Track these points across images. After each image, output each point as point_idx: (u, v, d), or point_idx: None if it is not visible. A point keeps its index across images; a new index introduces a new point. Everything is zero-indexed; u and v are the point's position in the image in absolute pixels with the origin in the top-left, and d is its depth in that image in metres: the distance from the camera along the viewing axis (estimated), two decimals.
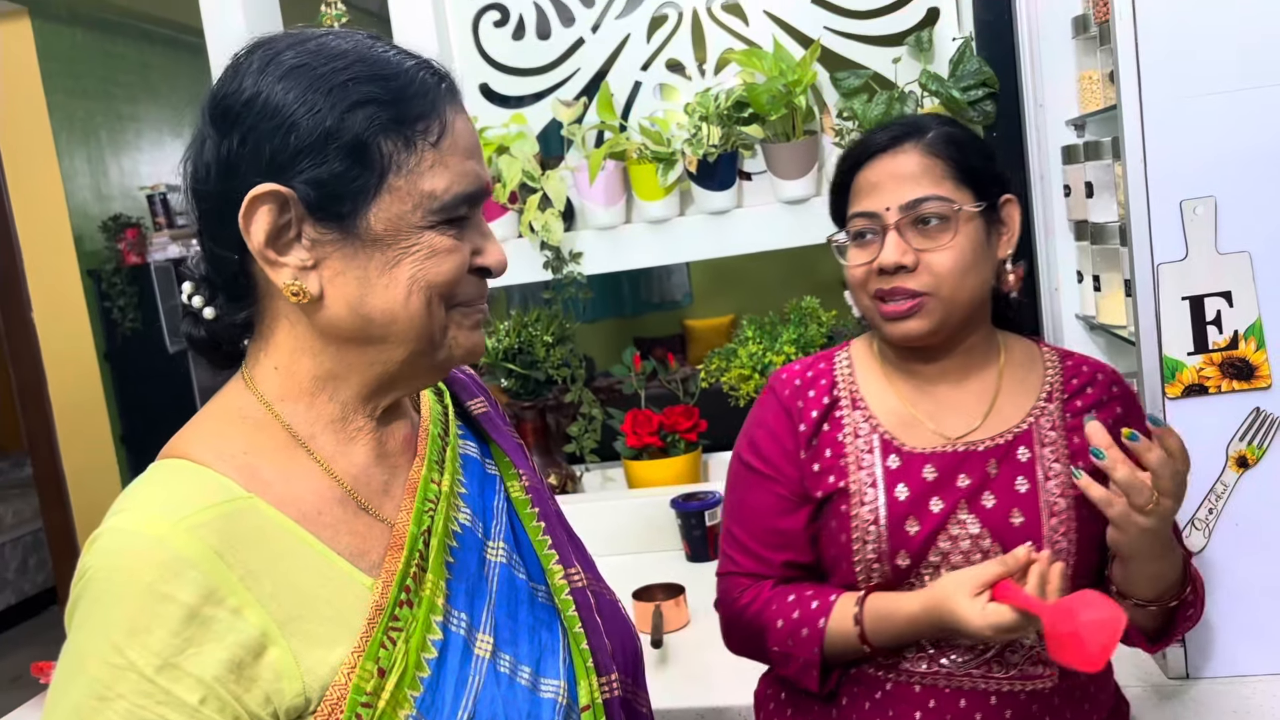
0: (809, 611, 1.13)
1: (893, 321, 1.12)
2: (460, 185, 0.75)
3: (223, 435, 0.77)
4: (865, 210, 1.13)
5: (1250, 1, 1.25)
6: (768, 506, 1.18)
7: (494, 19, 2.08)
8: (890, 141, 1.13)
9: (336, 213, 0.73)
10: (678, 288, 6.34)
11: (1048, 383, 1.17)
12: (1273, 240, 1.27)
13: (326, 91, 0.72)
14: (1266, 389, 1.29)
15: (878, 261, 1.11)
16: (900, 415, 1.17)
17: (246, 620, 0.69)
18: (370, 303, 0.74)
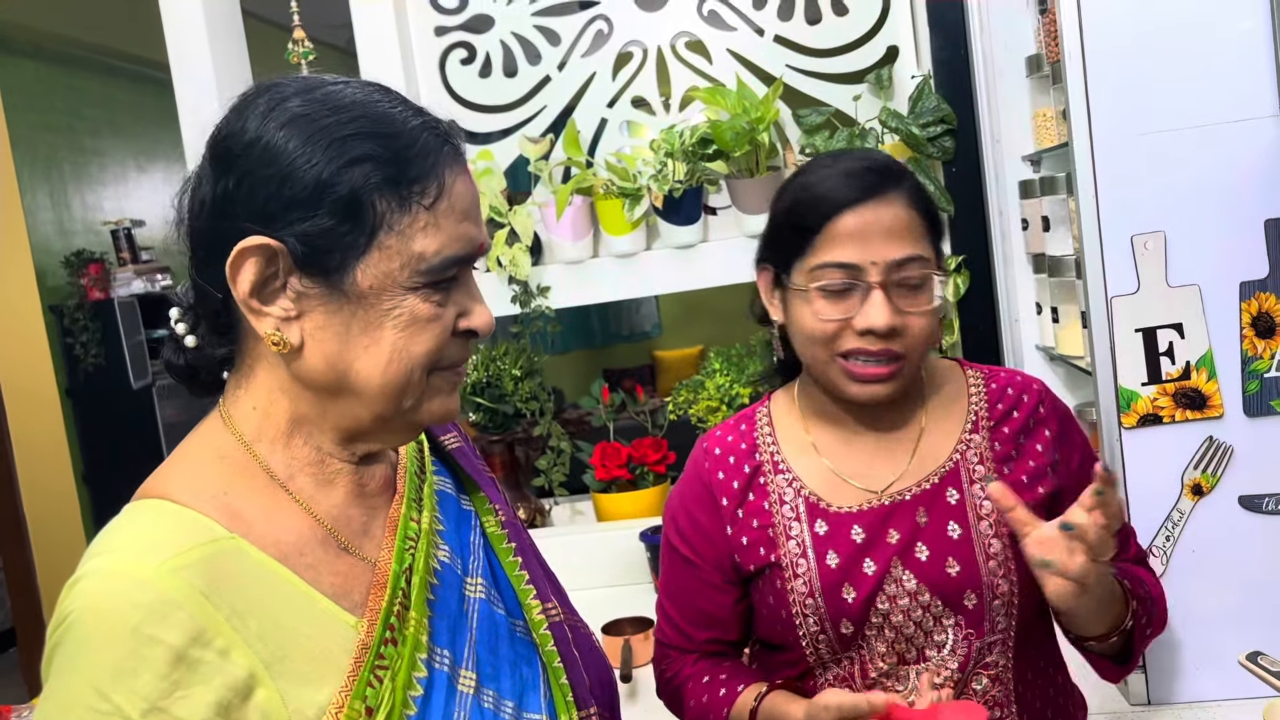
0: (716, 699, 1.13)
1: (863, 383, 1.06)
2: (452, 249, 0.74)
3: (201, 475, 0.76)
4: (844, 262, 1.04)
5: (1195, 43, 1.29)
6: (692, 588, 1.17)
7: (461, 57, 2.10)
8: (874, 188, 1.06)
9: (324, 266, 0.73)
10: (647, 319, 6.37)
11: (972, 410, 1.13)
12: (1221, 273, 1.31)
13: (326, 144, 0.72)
14: (1219, 418, 1.33)
15: (867, 323, 1.04)
16: (823, 474, 1.13)
17: (234, 662, 0.69)
18: (348, 360, 0.74)
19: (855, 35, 1.99)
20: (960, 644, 1.07)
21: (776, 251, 1.11)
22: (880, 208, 1.05)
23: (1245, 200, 1.30)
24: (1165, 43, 1.30)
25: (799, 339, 1.10)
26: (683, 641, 1.19)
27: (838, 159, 1.11)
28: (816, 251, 1.06)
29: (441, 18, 2.09)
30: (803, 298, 1.07)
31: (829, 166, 1.09)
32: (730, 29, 2.03)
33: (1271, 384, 1.31)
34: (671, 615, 1.20)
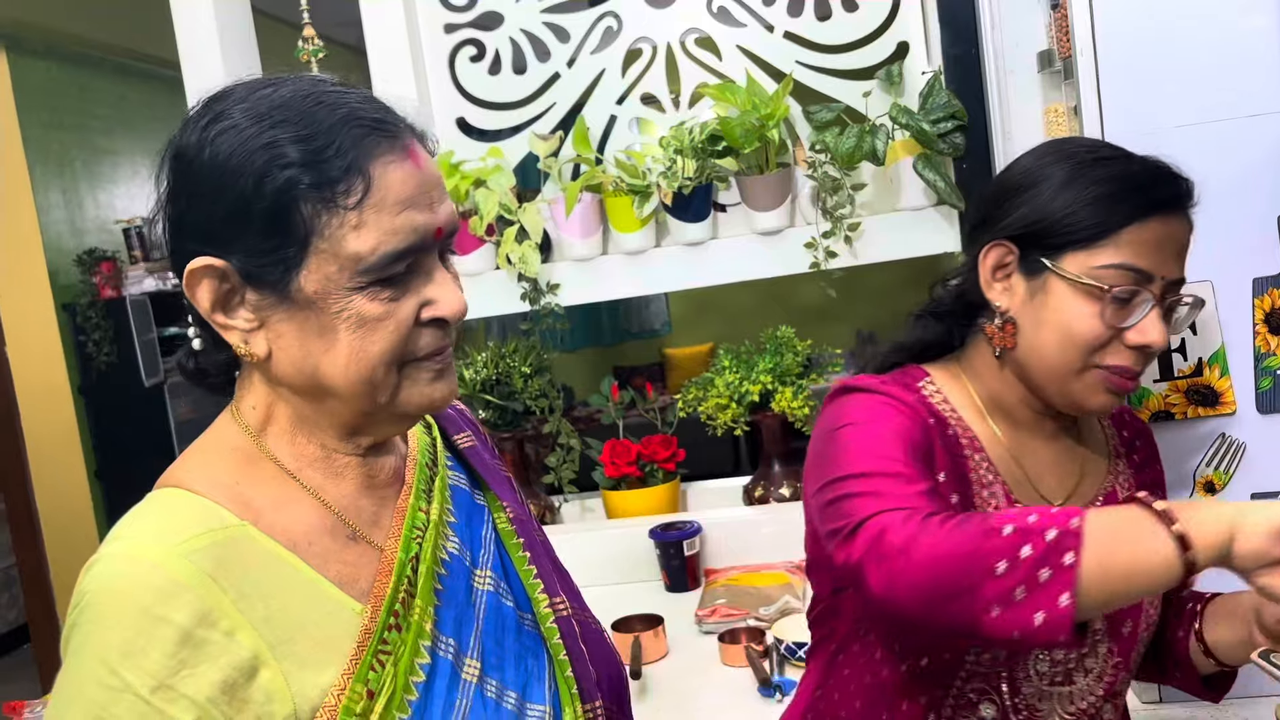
0: (1050, 514, 0.81)
1: (1114, 394, 0.98)
2: (390, 244, 0.73)
3: (215, 466, 0.79)
4: (1142, 268, 0.95)
5: (1207, 38, 1.29)
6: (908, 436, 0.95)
7: (470, 54, 2.10)
8: (1182, 199, 0.98)
9: (268, 279, 0.73)
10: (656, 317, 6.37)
11: (1108, 436, 1.12)
12: (1234, 269, 1.30)
13: (248, 155, 0.72)
14: (1231, 415, 1.32)
15: (1145, 339, 0.95)
16: (1013, 472, 1.03)
17: (239, 643, 0.71)
18: (313, 364, 0.75)
19: (865, 31, 1.98)
20: (1108, 671, 1.05)
21: (1042, 231, 0.98)
22: (1181, 220, 0.98)
23: (1258, 196, 1.29)
24: (1177, 38, 1.29)
25: (1053, 335, 0.97)
26: (915, 503, 0.87)
27: (1128, 154, 1.00)
28: (1113, 248, 0.95)
29: (451, 15, 2.10)
30: (1076, 292, 0.96)
31: (1127, 159, 0.99)
32: (740, 25, 2.03)
33: None
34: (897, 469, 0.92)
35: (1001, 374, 1.04)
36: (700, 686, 1.57)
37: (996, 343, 1.02)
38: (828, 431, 1.01)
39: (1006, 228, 1.01)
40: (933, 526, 0.83)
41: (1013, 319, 1.01)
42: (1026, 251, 1.00)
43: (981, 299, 1.03)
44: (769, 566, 1.91)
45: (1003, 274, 1.02)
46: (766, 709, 1.45)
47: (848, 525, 0.89)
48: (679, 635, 1.73)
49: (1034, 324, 0.99)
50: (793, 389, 2.03)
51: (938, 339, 1.10)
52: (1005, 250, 1.01)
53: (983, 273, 1.03)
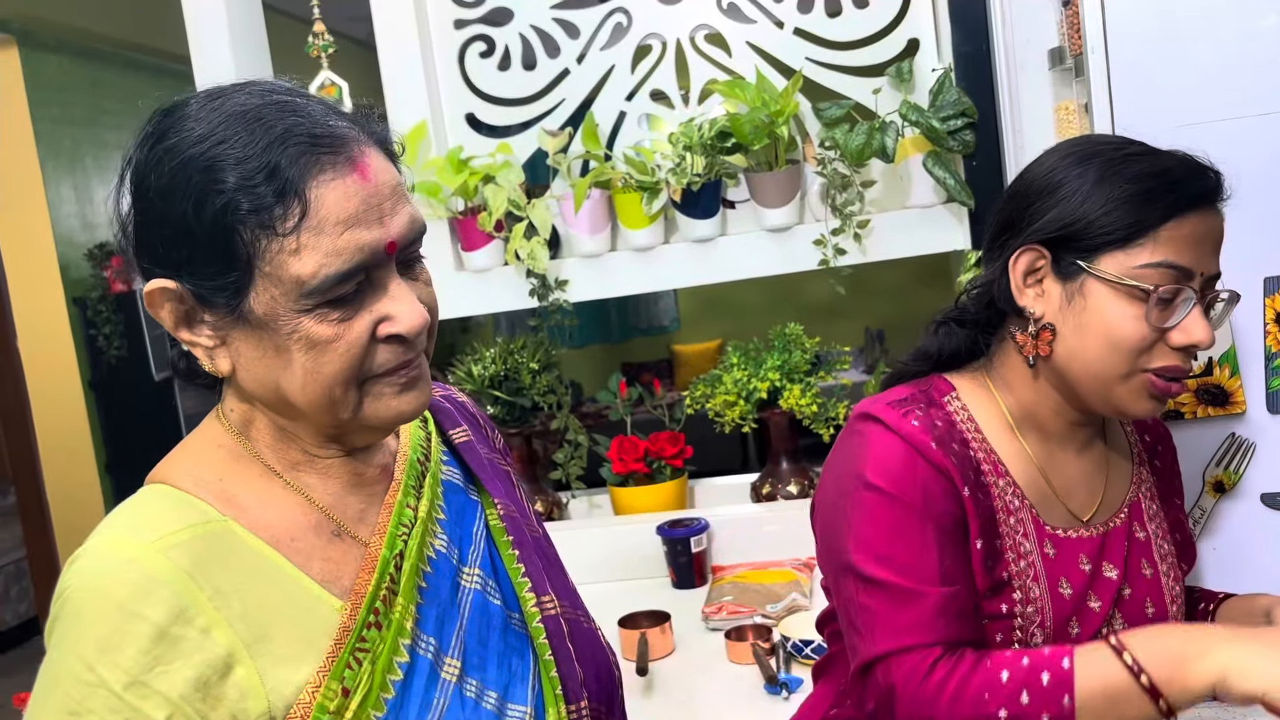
0: (1042, 656, 0.87)
1: (1159, 400, 0.96)
2: (333, 265, 0.70)
3: (201, 463, 0.79)
4: (1183, 266, 0.93)
5: (1218, 36, 1.28)
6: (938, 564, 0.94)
7: (480, 50, 2.10)
8: (1216, 192, 0.96)
9: (216, 302, 0.73)
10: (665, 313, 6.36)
11: (1131, 442, 1.10)
12: (1245, 269, 1.29)
13: (188, 179, 0.71)
14: (1241, 415, 1.31)
15: (1190, 339, 0.93)
16: (1040, 489, 1.01)
17: (214, 640, 0.71)
18: (274, 380, 0.75)
19: (876, 28, 1.98)
20: None
21: (1076, 234, 0.95)
22: (1216, 214, 0.96)
23: (1269, 195, 1.28)
24: (1188, 36, 1.29)
25: (1095, 340, 0.94)
26: (928, 635, 0.91)
27: (1155, 150, 0.98)
28: (1152, 247, 0.93)
29: (461, 10, 2.10)
30: (1117, 294, 0.93)
31: (1157, 155, 0.97)
32: (750, 21, 2.02)
33: None
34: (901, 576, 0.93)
35: (1035, 384, 1.01)
36: (706, 683, 1.57)
37: (1028, 351, 0.99)
38: (845, 478, 0.99)
39: (1037, 231, 0.97)
40: (931, 695, 0.89)
41: (1049, 325, 0.98)
42: (1059, 255, 0.97)
43: (1012, 306, 1.00)
44: (776, 564, 1.91)
45: (1034, 279, 0.99)
46: (773, 706, 1.45)
47: (857, 661, 0.94)
48: (686, 632, 1.73)
49: (1074, 329, 0.96)
50: (801, 386, 2.02)
51: (963, 347, 1.07)
52: (1037, 254, 0.98)
53: (1014, 279, 0.99)
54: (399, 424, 0.80)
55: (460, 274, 2.09)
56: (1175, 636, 0.85)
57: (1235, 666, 0.80)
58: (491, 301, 2.10)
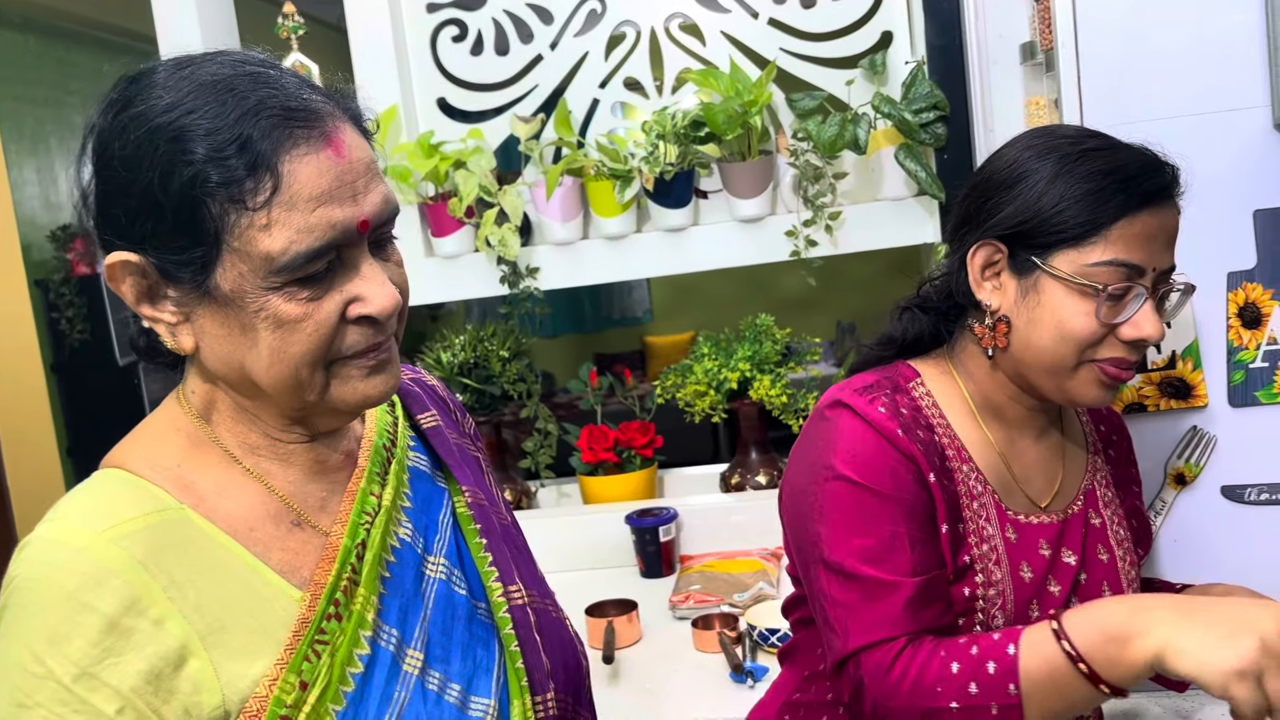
0: (990, 643, 0.89)
1: (1109, 388, 0.98)
2: (303, 243, 0.68)
3: (158, 447, 0.77)
4: (1134, 263, 0.94)
5: (1188, 32, 1.29)
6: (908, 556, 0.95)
7: (453, 34, 2.08)
8: (1170, 187, 0.97)
9: (181, 277, 0.71)
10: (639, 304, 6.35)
11: (1085, 430, 1.13)
12: (1208, 263, 1.31)
13: (154, 149, 0.68)
14: (1203, 408, 1.33)
15: (1140, 333, 0.95)
16: (1001, 475, 1.03)
17: (168, 631, 0.69)
18: (239, 359, 0.73)
19: (850, 20, 1.98)
20: None
21: (1031, 230, 0.97)
22: (1170, 209, 0.97)
23: (1234, 190, 1.29)
24: (1158, 31, 1.30)
25: (1047, 334, 0.96)
26: (896, 629, 0.93)
27: (1113, 143, 0.99)
28: (1104, 245, 0.94)
29: None
30: (1069, 291, 0.95)
31: (1113, 150, 0.97)
32: (724, 11, 2.02)
33: (1256, 374, 1.31)
34: (871, 569, 0.94)
35: (993, 373, 1.04)
36: (672, 672, 1.57)
37: (986, 343, 1.01)
38: (815, 468, 0.99)
39: (994, 227, 0.99)
40: (893, 686, 0.90)
41: (1005, 318, 1.00)
42: (1016, 250, 0.98)
43: (970, 298, 1.02)
44: (744, 553, 1.92)
45: (992, 273, 1.01)
46: (738, 695, 1.45)
47: (832, 656, 0.96)
48: (653, 621, 1.73)
49: (1027, 323, 0.98)
50: (771, 377, 2.03)
51: (926, 332, 1.09)
52: (994, 249, 1.00)
53: (972, 272, 1.01)
54: (366, 408, 0.78)
55: (430, 260, 2.08)
56: (1116, 613, 0.85)
57: (1171, 645, 0.80)
58: (461, 288, 2.08)
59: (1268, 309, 1.30)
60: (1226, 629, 0.79)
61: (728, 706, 1.41)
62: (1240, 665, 0.77)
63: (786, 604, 1.20)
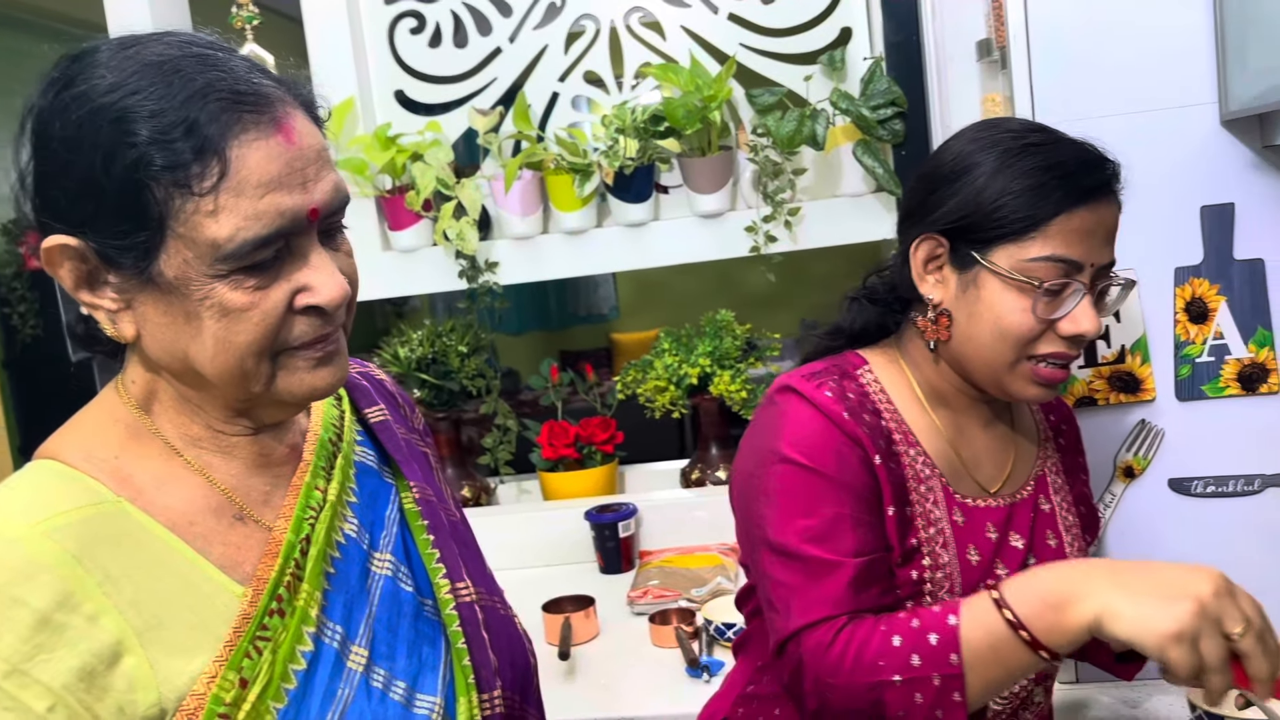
0: (930, 616, 0.89)
1: (1046, 387, 0.99)
2: (251, 230, 0.67)
3: (95, 439, 0.75)
4: (1072, 258, 0.95)
5: (1139, 30, 1.30)
6: (854, 536, 0.95)
7: (410, 26, 2.06)
8: (1109, 183, 0.98)
9: (123, 262, 0.69)
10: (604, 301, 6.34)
11: (1036, 420, 1.14)
12: (1157, 258, 1.33)
13: (96, 130, 0.66)
14: (1151, 402, 1.34)
15: (1078, 329, 0.95)
16: (949, 460, 1.04)
17: (102, 627, 0.67)
18: (182, 348, 0.71)
19: (809, 15, 1.98)
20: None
21: (971, 225, 0.97)
22: (1110, 205, 0.97)
23: (1183, 187, 1.31)
24: (1109, 29, 1.31)
25: (986, 329, 0.97)
26: (837, 608, 0.93)
27: (1055, 138, 0.99)
28: (1041, 241, 0.94)
29: None
30: (1007, 286, 0.96)
31: (1054, 145, 0.98)
32: (684, 6, 2.01)
33: (1203, 369, 1.33)
34: (813, 548, 0.94)
35: (937, 364, 1.05)
36: (629, 667, 1.57)
37: (929, 336, 1.02)
38: (762, 452, 1.00)
39: (936, 221, 1.00)
40: (834, 662, 0.90)
41: (946, 311, 1.01)
42: (957, 244, 0.99)
43: (914, 291, 1.03)
44: (703, 548, 1.91)
45: (935, 266, 1.01)
46: (694, 690, 1.45)
47: (775, 638, 0.96)
48: (611, 617, 1.72)
49: (968, 317, 0.99)
50: (731, 373, 2.03)
51: (874, 323, 1.10)
52: (936, 243, 1.01)
53: (915, 266, 1.02)
54: (312, 400, 0.77)
55: (386, 253, 2.05)
56: (1054, 580, 0.85)
57: (1108, 609, 0.81)
58: (419, 283, 2.06)
59: (1214, 304, 1.32)
60: (1163, 592, 0.79)
61: (684, 701, 1.41)
62: (1178, 628, 0.78)
63: (740, 595, 1.20)
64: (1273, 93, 1.16)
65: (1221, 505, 1.34)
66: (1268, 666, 0.79)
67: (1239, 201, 1.30)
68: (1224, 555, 1.33)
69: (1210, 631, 0.78)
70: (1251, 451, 1.33)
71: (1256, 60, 1.20)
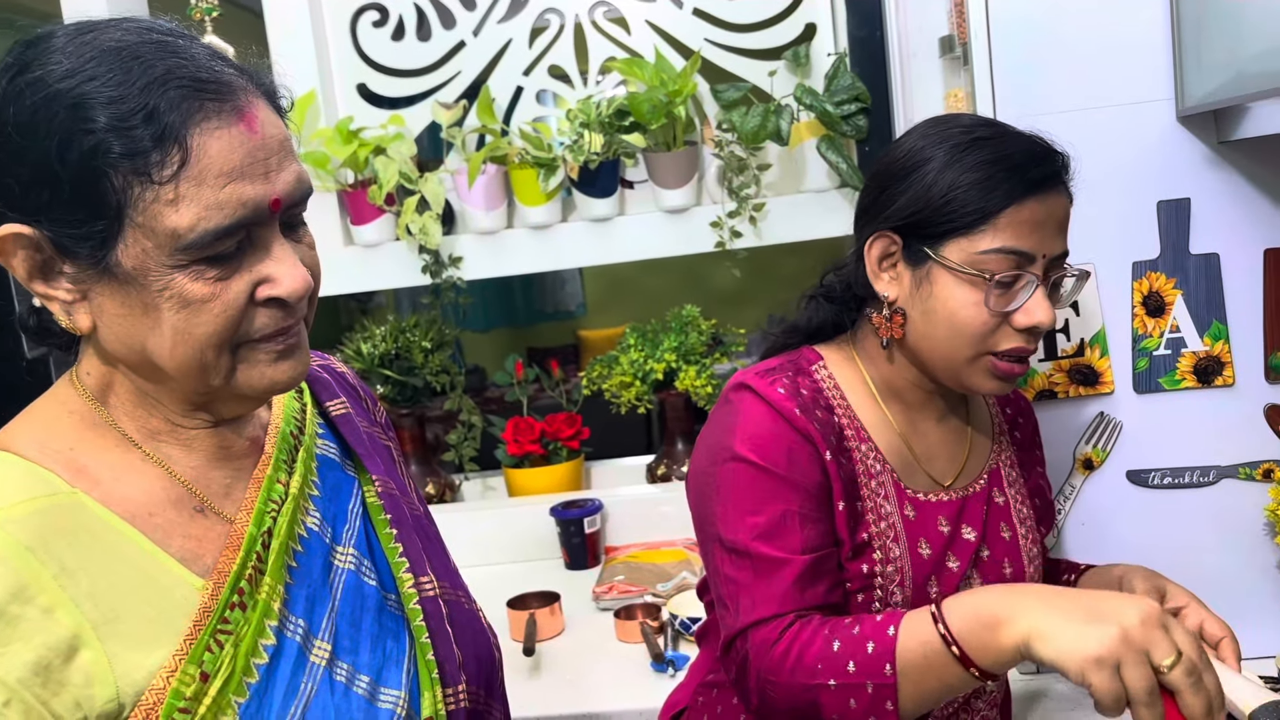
0: (872, 625, 0.90)
1: (1005, 381, 0.99)
2: (212, 220, 0.66)
3: (50, 429, 0.74)
4: (1023, 250, 0.95)
5: (1098, 26, 1.32)
6: (800, 532, 0.96)
7: (373, 19, 2.04)
8: (1058, 174, 0.98)
9: (79, 252, 0.68)
10: (572, 298, 6.33)
11: (993, 413, 1.15)
12: (1115, 253, 1.34)
13: (52, 115, 0.65)
14: (1110, 394, 1.36)
15: (1032, 320, 0.95)
16: (902, 455, 1.05)
17: (58, 620, 0.66)
18: (140, 340, 0.70)
19: (773, 11, 1.99)
20: None
21: (923, 221, 0.97)
22: (1059, 197, 0.97)
23: (1140, 181, 1.33)
24: (1068, 25, 1.32)
25: (941, 325, 0.98)
26: (784, 605, 0.94)
27: (1004, 131, 0.99)
28: (992, 233, 0.95)
29: None
30: (959, 281, 0.96)
31: (1002, 138, 0.98)
32: (649, 0, 2.01)
33: (1160, 361, 1.35)
34: (762, 546, 0.95)
35: (892, 361, 1.06)
36: (594, 663, 1.56)
37: (883, 333, 1.03)
38: (715, 449, 1.01)
39: (889, 218, 1.00)
40: (776, 663, 0.91)
41: (900, 309, 1.01)
42: (910, 241, 0.99)
43: (869, 289, 1.04)
44: (668, 543, 1.91)
45: (889, 264, 1.02)
46: (660, 684, 1.45)
47: (724, 635, 0.97)
48: (576, 613, 1.72)
49: (922, 314, 0.99)
50: (697, 368, 2.03)
51: (830, 320, 1.11)
52: (890, 240, 1.01)
53: (869, 264, 1.02)
54: (273, 393, 0.76)
55: (349, 248, 2.03)
56: (990, 599, 0.85)
57: (1037, 631, 0.81)
58: (382, 278, 2.04)
59: (1170, 298, 1.33)
60: (1089, 616, 0.79)
61: (648, 696, 1.41)
62: (1099, 652, 0.77)
63: (700, 585, 1.20)
64: (1227, 89, 1.17)
65: (1178, 496, 1.36)
66: (1201, 705, 0.78)
67: (1195, 196, 1.32)
68: (1180, 546, 1.35)
69: (1135, 660, 0.77)
70: (1207, 443, 1.35)
71: (1211, 57, 1.22)
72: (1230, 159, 1.31)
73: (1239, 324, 1.33)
